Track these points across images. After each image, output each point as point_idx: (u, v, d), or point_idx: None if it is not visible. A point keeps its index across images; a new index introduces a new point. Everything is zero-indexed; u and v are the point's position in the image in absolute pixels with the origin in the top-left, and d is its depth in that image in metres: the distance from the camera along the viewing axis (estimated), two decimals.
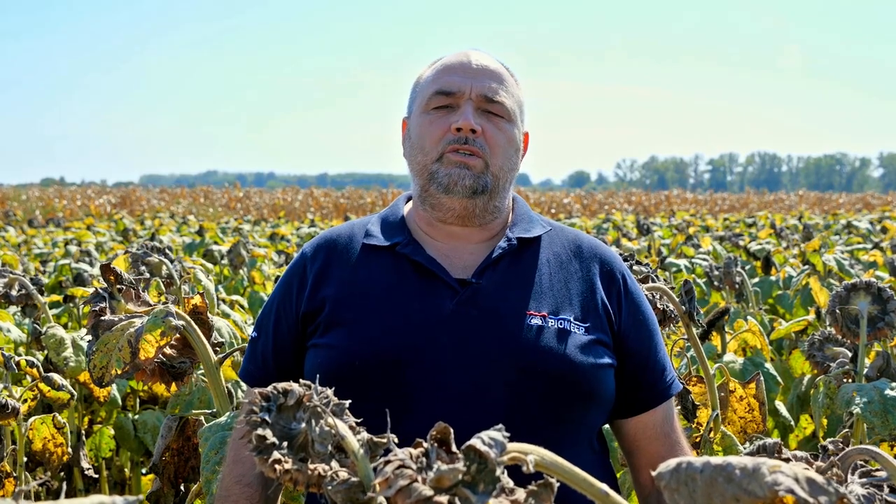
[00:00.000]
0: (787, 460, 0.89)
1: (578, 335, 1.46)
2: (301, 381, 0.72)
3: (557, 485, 0.66)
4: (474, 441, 0.64)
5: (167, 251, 2.90)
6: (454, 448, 0.67)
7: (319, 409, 0.71)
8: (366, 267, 1.54)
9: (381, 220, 1.62)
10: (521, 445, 0.67)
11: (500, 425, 0.67)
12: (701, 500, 0.56)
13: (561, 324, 1.46)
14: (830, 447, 0.92)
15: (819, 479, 0.53)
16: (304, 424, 0.71)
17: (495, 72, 1.55)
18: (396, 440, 0.71)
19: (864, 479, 0.84)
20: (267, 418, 0.69)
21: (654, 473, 0.61)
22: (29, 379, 2.50)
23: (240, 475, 1.50)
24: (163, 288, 1.93)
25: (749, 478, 0.54)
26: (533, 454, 0.66)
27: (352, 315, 1.49)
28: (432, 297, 1.48)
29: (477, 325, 1.45)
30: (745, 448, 1.96)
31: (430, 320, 1.45)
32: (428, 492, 0.61)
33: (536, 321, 1.45)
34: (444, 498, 0.61)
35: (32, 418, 2.44)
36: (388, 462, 0.64)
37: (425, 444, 0.66)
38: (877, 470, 0.85)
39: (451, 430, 0.67)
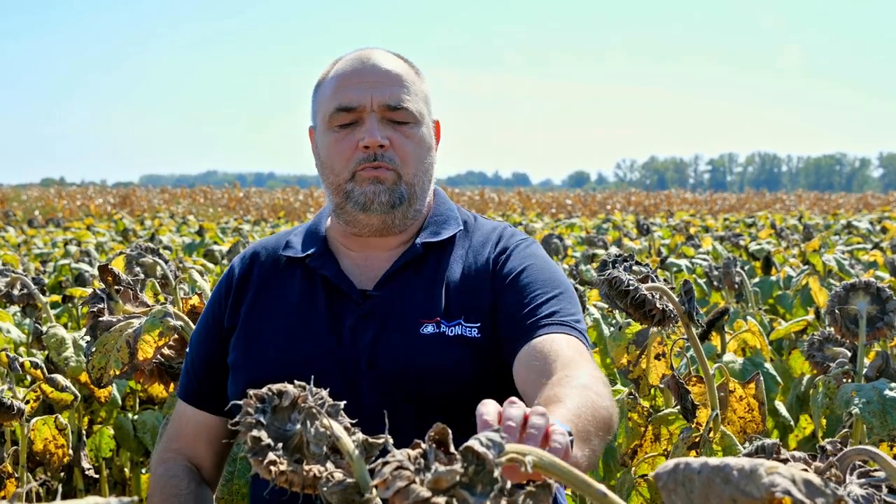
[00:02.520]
0: (785, 461, 0.89)
1: (471, 339, 1.43)
2: (296, 381, 0.73)
3: (556, 486, 0.66)
4: (472, 442, 0.64)
5: (160, 252, 2.88)
6: (452, 449, 0.67)
7: (314, 411, 0.71)
8: (279, 280, 1.53)
9: (305, 231, 1.60)
10: (520, 446, 0.67)
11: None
12: (698, 501, 0.56)
13: (452, 330, 1.43)
14: (829, 448, 0.91)
15: (816, 480, 0.53)
16: (299, 426, 0.71)
17: (394, 74, 1.49)
18: (392, 441, 0.71)
19: (862, 480, 0.84)
20: (262, 420, 0.69)
21: (651, 474, 0.61)
22: (30, 379, 2.50)
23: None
24: (158, 289, 1.93)
25: (746, 479, 0.54)
26: (531, 455, 0.66)
27: (259, 332, 1.49)
28: (337, 311, 1.47)
29: (372, 339, 1.43)
30: (744, 448, 1.96)
31: (332, 337, 1.44)
32: (426, 493, 0.61)
33: (429, 328, 1.43)
34: (441, 499, 0.61)
35: (34, 419, 2.44)
36: (386, 463, 0.64)
37: (423, 445, 0.66)
38: (875, 470, 0.84)
39: (450, 431, 0.67)
